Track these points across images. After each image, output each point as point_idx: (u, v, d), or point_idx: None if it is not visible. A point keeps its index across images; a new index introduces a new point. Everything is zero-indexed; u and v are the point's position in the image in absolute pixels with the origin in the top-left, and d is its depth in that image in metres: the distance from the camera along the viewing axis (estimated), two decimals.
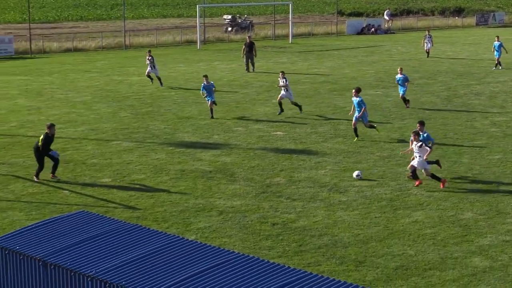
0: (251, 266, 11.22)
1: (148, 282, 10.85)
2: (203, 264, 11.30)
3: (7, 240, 12.46)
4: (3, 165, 26.38)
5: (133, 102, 38.12)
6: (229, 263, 11.32)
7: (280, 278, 10.81)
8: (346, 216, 21.03)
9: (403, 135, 30.70)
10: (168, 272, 11.10)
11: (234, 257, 11.54)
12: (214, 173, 25.31)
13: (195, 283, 10.75)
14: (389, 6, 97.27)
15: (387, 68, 51.09)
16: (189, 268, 11.20)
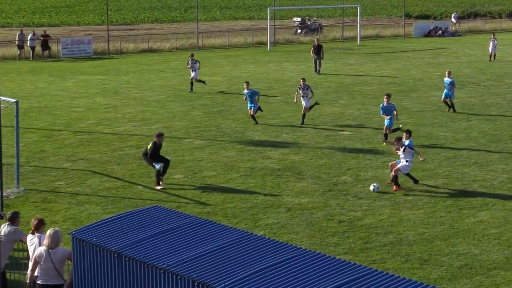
0: (317, 262, 11.17)
1: (217, 275, 10.88)
2: (271, 259, 11.29)
3: (84, 232, 12.63)
4: (81, 160, 26.79)
5: (205, 102, 38.34)
6: (296, 259, 11.29)
7: (346, 274, 10.75)
8: (412, 215, 20.83)
9: (469, 136, 30.27)
10: (237, 266, 11.12)
11: (301, 252, 11.51)
12: (282, 171, 25.31)
13: (263, 277, 10.75)
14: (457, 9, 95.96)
15: (454, 70, 50.33)
16: (258, 262, 11.20)
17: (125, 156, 27.37)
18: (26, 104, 36.77)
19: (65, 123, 33.11)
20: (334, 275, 10.74)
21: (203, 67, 52.17)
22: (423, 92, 41.34)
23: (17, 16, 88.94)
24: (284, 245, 11.84)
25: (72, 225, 19.60)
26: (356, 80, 45.80)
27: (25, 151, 27.51)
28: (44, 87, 43.04)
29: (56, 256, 13.67)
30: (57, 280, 13.74)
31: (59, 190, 23.28)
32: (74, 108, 36.54)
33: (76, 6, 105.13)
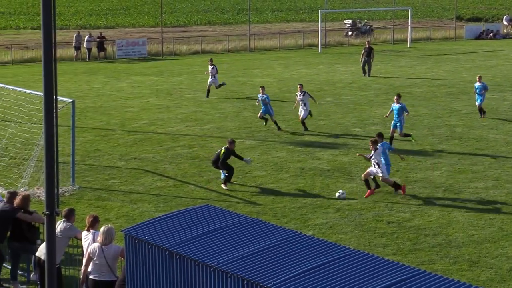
0: (366, 262, 11.11)
1: (266, 274, 10.88)
2: (320, 259, 11.25)
3: (137, 230, 12.72)
4: (134, 160, 27.01)
5: (256, 103, 38.32)
6: (344, 259, 11.24)
7: (395, 275, 10.67)
8: (461, 217, 20.61)
9: None
10: (286, 265, 11.11)
11: (349, 253, 11.45)
12: (332, 172, 25.23)
13: (312, 277, 10.72)
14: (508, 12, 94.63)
15: (505, 72, 49.76)
16: (307, 262, 11.18)
17: (177, 155, 27.53)
18: (82, 104, 37.19)
19: (119, 123, 33.43)
20: (382, 276, 10.67)
21: (254, 68, 52.26)
22: (473, 94, 40.79)
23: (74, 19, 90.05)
24: (333, 245, 11.79)
25: (125, 223, 19.77)
26: (406, 82, 45.46)
27: (81, 150, 27.83)
28: (99, 88, 43.50)
29: (109, 253, 13.80)
30: (109, 277, 13.87)
31: (113, 189, 23.50)
32: (128, 108, 36.87)
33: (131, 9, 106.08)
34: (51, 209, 10.37)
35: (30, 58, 56.49)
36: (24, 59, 56.48)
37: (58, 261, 14.45)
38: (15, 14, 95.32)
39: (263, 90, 32.34)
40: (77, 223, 16.69)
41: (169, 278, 12.07)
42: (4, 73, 49.44)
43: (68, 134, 25.67)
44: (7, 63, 55.19)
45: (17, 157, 25.87)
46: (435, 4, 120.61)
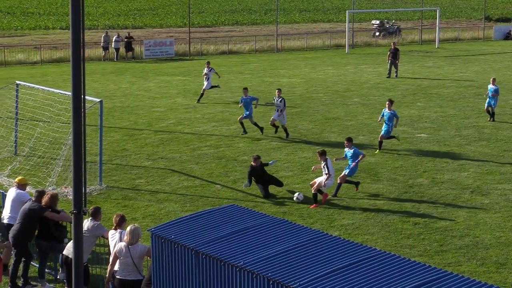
0: (392, 264, 11.08)
1: (292, 274, 10.89)
2: (346, 260, 11.24)
3: (163, 229, 12.77)
4: (161, 159, 27.11)
5: None
6: (371, 260, 11.21)
7: (421, 276, 10.63)
8: (488, 218, 20.47)
9: None
10: (312, 266, 11.10)
11: (376, 254, 11.42)
12: (358, 172, 25.14)
13: (338, 277, 10.71)
14: None
15: None
16: (333, 262, 11.16)
17: (204, 155, 27.59)
18: (110, 103, 37.38)
19: (146, 122, 33.56)
20: (409, 277, 10.63)
21: (281, 68, 52.23)
22: (502, 95, 40.50)
23: (102, 19, 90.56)
24: (359, 245, 11.77)
25: (151, 222, 19.86)
26: (434, 83, 45.25)
27: (108, 150, 27.98)
28: (127, 87, 43.71)
29: (135, 252, 13.87)
30: (135, 276, 13.93)
31: (140, 188, 23.61)
32: (155, 108, 37.00)
33: (159, 9, 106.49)
34: (79, 208, 10.44)
35: (59, 58, 56.91)
36: (53, 59, 56.90)
37: (85, 259, 14.55)
38: (44, 14, 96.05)
39: (245, 92, 31.25)
40: (103, 222, 16.80)
41: (195, 277, 12.11)
42: (33, 73, 49.84)
43: (95, 133, 25.83)
44: (36, 63, 55.63)
45: (45, 156, 26.07)
46: (463, 4, 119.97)
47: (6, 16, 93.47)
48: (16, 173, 24.11)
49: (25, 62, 55.68)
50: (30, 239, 16.35)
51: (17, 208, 16.71)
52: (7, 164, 25.66)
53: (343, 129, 31.92)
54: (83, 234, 11.28)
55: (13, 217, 16.82)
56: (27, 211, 16.09)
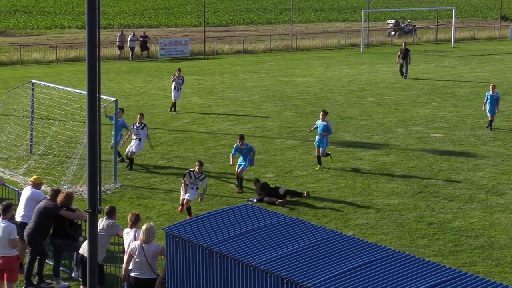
0: (406, 264, 11.06)
1: (306, 274, 10.89)
2: (360, 259, 11.23)
3: (178, 228, 12.80)
4: (176, 158, 27.15)
5: (297, 102, 38.35)
6: (385, 260, 11.20)
7: (435, 277, 10.61)
8: (503, 219, 20.40)
9: None
10: (326, 265, 11.10)
11: (390, 253, 11.41)
12: (373, 172, 25.13)
13: (352, 277, 10.70)
14: None
15: None
16: (347, 262, 11.16)
17: (219, 154, 27.62)
18: (125, 103, 37.42)
19: (161, 121, 33.63)
20: (423, 277, 10.62)
21: (295, 68, 52.17)
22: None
23: (118, 18, 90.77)
24: (373, 245, 11.76)
25: (165, 221, 19.89)
26: (449, 83, 45.10)
27: (123, 149, 28.02)
28: (142, 87, 43.80)
29: (149, 251, 13.90)
30: (149, 275, 13.96)
31: (154, 187, 23.65)
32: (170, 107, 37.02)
33: (174, 8, 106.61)
34: (94, 206, 10.47)
35: (74, 57, 57.07)
36: (68, 58, 57.08)
37: (100, 258, 14.61)
38: (60, 13, 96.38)
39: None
40: (118, 220, 16.84)
41: (209, 276, 12.13)
42: (49, 72, 50.03)
43: (110, 132, 25.88)
44: (52, 62, 55.83)
45: (60, 155, 26.16)
46: (479, 3, 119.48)
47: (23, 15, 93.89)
48: (32, 171, 24.21)
49: (41, 61, 55.89)
50: (45, 237, 16.42)
51: (31, 207, 16.78)
52: (23, 162, 25.78)
53: (358, 128, 31.87)
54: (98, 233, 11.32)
55: (26, 215, 16.90)
56: (42, 210, 16.16)
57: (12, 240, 14.94)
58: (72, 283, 16.49)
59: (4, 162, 25.67)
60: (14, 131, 27.68)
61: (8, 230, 14.94)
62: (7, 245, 14.96)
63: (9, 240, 14.93)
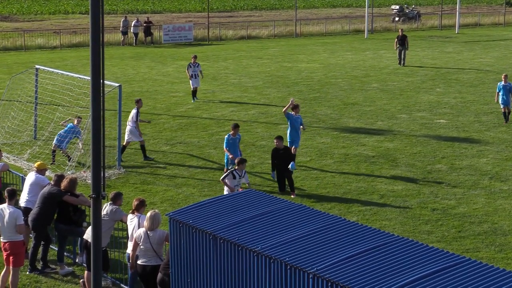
0: (410, 249, 11.08)
1: (310, 259, 10.91)
2: (363, 245, 11.25)
3: (181, 214, 12.82)
4: (179, 144, 27.17)
5: (301, 88, 38.32)
6: (388, 245, 11.21)
7: (439, 262, 10.63)
8: (507, 205, 20.40)
9: None
10: (330, 251, 11.12)
11: (393, 239, 11.42)
12: (376, 158, 25.13)
13: (356, 263, 10.73)
14: None
15: None
16: (350, 248, 11.18)
17: (222, 140, 27.54)
18: (129, 88, 37.46)
19: (165, 107, 33.63)
20: (426, 263, 10.63)
21: (299, 54, 52.07)
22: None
23: (122, 3, 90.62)
24: (377, 231, 11.77)
25: (169, 207, 19.93)
26: (453, 69, 45.02)
27: None
28: (145, 72, 43.78)
29: (154, 238, 13.92)
30: (156, 261, 13.99)
31: (158, 173, 23.68)
32: (173, 93, 37.06)
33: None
34: (97, 192, 10.48)
35: (78, 43, 57.04)
36: (72, 43, 57.04)
37: (104, 244, 14.64)
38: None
39: (78, 121, 24.37)
40: (122, 206, 16.85)
41: (213, 262, 12.16)
42: (53, 57, 50.02)
43: (114, 118, 25.92)
44: (56, 48, 55.81)
45: None
46: None
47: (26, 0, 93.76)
48: (36, 157, 24.25)
49: (44, 47, 55.87)
50: (49, 222, 16.47)
51: (35, 192, 16.84)
52: (27, 148, 25.82)
53: (362, 114, 31.85)
54: (102, 218, 11.34)
55: (30, 200, 16.95)
56: (47, 195, 16.20)
57: (19, 225, 14.98)
58: (76, 268, 16.55)
59: (8, 147, 25.70)
60: (18, 116, 27.70)
61: (14, 216, 14.99)
62: (13, 230, 15.01)
63: (15, 225, 14.97)
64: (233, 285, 11.89)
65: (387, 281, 10.19)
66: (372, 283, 10.16)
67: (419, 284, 10.06)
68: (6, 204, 15.16)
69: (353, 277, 10.35)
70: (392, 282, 10.14)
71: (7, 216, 15.00)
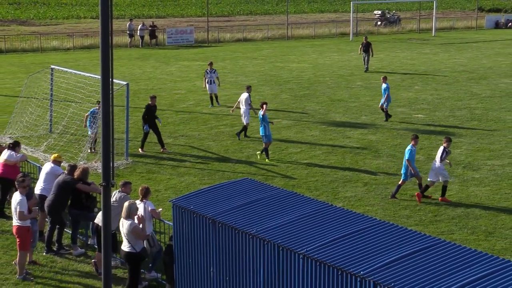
0: (390, 232, 11.08)
1: (300, 241, 10.92)
2: (348, 228, 11.26)
3: (183, 200, 12.81)
4: (182, 137, 27.14)
5: (292, 86, 38.28)
6: (371, 228, 11.22)
7: (417, 243, 10.64)
8: (478, 192, 20.42)
9: None
10: (318, 234, 11.12)
11: (376, 223, 11.43)
12: (361, 149, 25.13)
13: (342, 244, 10.73)
14: None
15: None
16: (337, 231, 11.19)
17: (221, 133, 27.60)
18: (135, 86, 37.39)
19: (168, 103, 33.57)
20: (405, 244, 10.64)
21: (290, 55, 51.98)
22: (492, 79, 40.36)
23: (129, 9, 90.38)
24: (361, 216, 11.78)
25: (172, 194, 19.91)
26: (430, 68, 45.00)
27: (134, 128, 28.02)
28: (151, 72, 43.68)
29: (126, 227, 13.77)
30: (129, 248, 13.75)
31: (162, 163, 23.65)
32: (176, 91, 36.99)
33: (180, 0, 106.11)
34: (107, 180, 10.47)
35: (89, 45, 56.89)
36: (84, 45, 56.89)
37: (113, 227, 14.61)
38: (76, 5, 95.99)
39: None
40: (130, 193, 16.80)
41: (212, 244, 12.16)
42: (66, 58, 49.87)
43: (122, 113, 25.86)
44: (69, 49, 55.64)
45: (77, 134, 26.14)
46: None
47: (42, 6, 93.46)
48: (51, 149, 24.20)
49: (59, 49, 55.71)
50: (63, 208, 16.45)
51: (50, 181, 16.82)
52: (43, 140, 25.77)
53: (347, 109, 31.84)
54: (111, 204, 11.32)
55: (45, 188, 16.92)
56: (61, 183, 16.19)
57: (19, 212, 14.94)
58: (88, 249, 16.54)
59: (26, 140, 25.64)
60: (35, 112, 27.64)
61: (16, 202, 15.02)
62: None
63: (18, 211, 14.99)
64: (230, 265, 11.90)
65: (370, 260, 10.20)
66: (357, 262, 10.18)
67: (399, 263, 10.08)
68: (18, 192, 15.17)
69: (339, 257, 10.36)
70: (374, 261, 10.15)
71: (15, 203, 15.06)
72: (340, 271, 10.15)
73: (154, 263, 15.01)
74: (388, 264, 10.06)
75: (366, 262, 10.15)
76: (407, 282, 9.58)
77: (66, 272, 15.46)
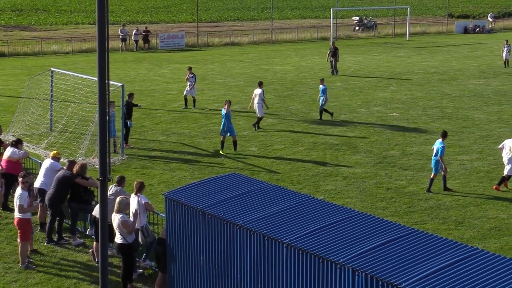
0: (368, 222, 11.12)
1: (284, 231, 10.93)
2: (329, 219, 11.29)
3: (175, 193, 12.80)
4: (173, 134, 27.09)
5: (276, 87, 38.27)
6: (350, 219, 11.25)
7: (392, 233, 10.68)
8: (449, 184, 20.50)
9: (500, 118, 29.62)
10: (301, 224, 11.14)
11: (354, 214, 11.47)
12: (340, 146, 25.18)
13: (322, 234, 10.75)
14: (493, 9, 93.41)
15: (489, 62, 49.23)
16: (318, 221, 11.22)
17: (210, 131, 27.57)
18: (130, 87, 37.22)
19: (161, 103, 33.49)
20: (382, 233, 10.69)
21: (275, 58, 51.95)
22: (461, 80, 40.52)
23: (124, 15, 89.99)
24: (340, 207, 11.81)
25: (165, 188, 19.88)
26: (405, 70, 45.11)
27: None
28: (144, 74, 43.56)
29: (117, 220, 13.73)
30: (120, 240, 13.79)
31: (155, 159, 23.61)
32: (168, 91, 36.91)
33: (172, 7, 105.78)
34: (104, 175, 10.45)
35: (87, 49, 56.61)
36: (82, 49, 56.61)
37: (109, 219, 14.57)
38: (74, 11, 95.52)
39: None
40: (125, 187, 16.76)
41: (202, 234, 12.15)
42: (65, 61, 49.64)
43: (118, 113, 25.78)
44: (68, 53, 55.39)
45: (75, 132, 26.04)
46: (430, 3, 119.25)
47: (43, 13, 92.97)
48: (51, 146, 24.10)
49: (58, 52, 55.43)
50: (63, 201, 16.40)
51: (49, 176, 16.79)
52: (44, 138, 25.66)
53: (328, 109, 31.83)
54: (108, 198, 11.29)
55: (44, 182, 16.87)
56: (61, 178, 16.14)
57: (19, 205, 14.93)
58: (86, 240, 16.49)
59: (28, 138, 25.52)
60: (36, 111, 27.51)
61: (17, 196, 15.00)
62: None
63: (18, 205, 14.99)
64: (219, 253, 11.90)
65: (349, 248, 10.23)
66: (337, 251, 10.20)
67: (376, 251, 10.11)
68: (20, 187, 15.16)
69: (320, 246, 10.39)
70: (352, 250, 10.19)
71: (16, 197, 15.05)
72: (321, 259, 10.17)
73: (148, 252, 15.00)
74: (365, 252, 10.09)
75: (345, 250, 10.17)
76: (383, 269, 9.62)
77: (66, 261, 15.42)
